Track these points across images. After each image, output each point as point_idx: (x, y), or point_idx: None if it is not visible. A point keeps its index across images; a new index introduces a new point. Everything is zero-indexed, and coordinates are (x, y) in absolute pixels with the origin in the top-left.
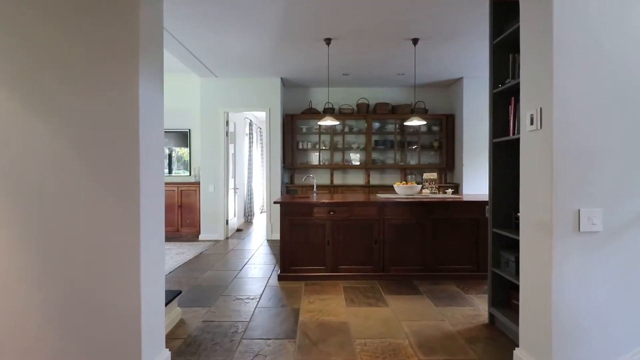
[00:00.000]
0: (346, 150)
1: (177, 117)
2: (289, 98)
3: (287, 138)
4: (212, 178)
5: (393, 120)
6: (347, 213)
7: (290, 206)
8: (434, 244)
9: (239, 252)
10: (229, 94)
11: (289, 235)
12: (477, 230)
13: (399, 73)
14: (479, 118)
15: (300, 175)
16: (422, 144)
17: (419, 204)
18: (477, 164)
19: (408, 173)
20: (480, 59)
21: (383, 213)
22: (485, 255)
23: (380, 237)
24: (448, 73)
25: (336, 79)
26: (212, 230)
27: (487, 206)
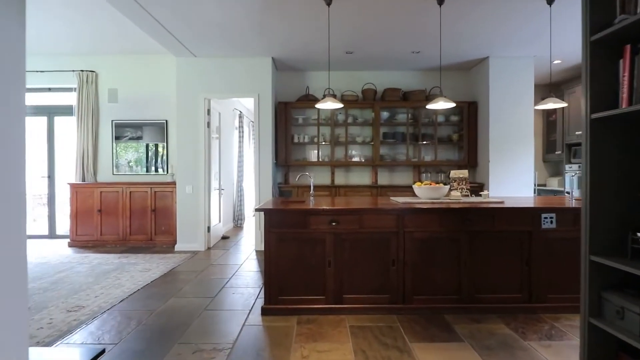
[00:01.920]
0: (349, 144)
1: (152, 107)
2: (283, 83)
3: (280, 130)
4: (190, 177)
5: (405, 108)
6: (355, 224)
7: (278, 215)
8: (472, 265)
9: (219, 269)
10: (210, 77)
11: (276, 254)
12: (530, 246)
13: (413, 51)
14: (508, 105)
15: (296, 173)
16: (439, 137)
17: (451, 212)
18: (507, 159)
19: (422, 171)
20: (511, 31)
21: (403, 223)
22: (541, 279)
23: (399, 255)
24: (472, 51)
25: (338, 60)
26: (190, 238)
27: (547, 215)
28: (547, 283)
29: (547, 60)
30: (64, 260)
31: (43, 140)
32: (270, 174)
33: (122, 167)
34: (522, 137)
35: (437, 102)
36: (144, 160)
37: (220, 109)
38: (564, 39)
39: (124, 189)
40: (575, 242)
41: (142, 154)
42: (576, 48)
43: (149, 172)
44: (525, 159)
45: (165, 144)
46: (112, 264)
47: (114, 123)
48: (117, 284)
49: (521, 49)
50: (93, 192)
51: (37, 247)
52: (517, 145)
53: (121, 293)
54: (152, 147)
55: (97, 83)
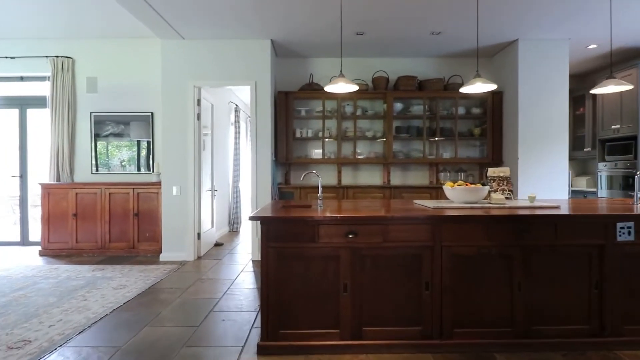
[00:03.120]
0: (358, 139)
1: (137, 98)
2: (283, 70)
3: (280, 123)
4: (177, 177)
5: (420, 99)
6: (377, 236)
7: (279, 224)
8: (528, 289)
9: (208, 286)
10: (200, 62)
11: (276, 276)
12: (601, 264)
13: (433, 32)
14: (540, 95)
15: (298, 172)
16: (459, 132)
17: (502, 221)
18: (538, 157)
19: (440, 170)
20: (545, 8)
21: (439, 236)
22: (615, 306)
23: (434, 276)
24: (499, 34)
25: (347, 43)
26: (178, 247)
27: (624, 225)
28: (623, 311)
29: (580, 46)
30: (28, 274)
31: (14, 135)
32: (269, 173)
33: (102, 165)
34: (556, 131)
35: (474, 83)
36: (127, 157)
37: (214, 100)
38: (602, 20)
39: (102, 190)
40: None
41: (125, 151)
42: (619, 30)
43: (133, 171)
44: (558, 156)
45: (150, 140)
46: (83, 279)
47: (93, 116)
48: (82, 307)
49: (555, 30)
50: (68, 194)
51: (3, 256)
52: (549, 141)
53: (84, 320)
54: (136, 143)
55: (74, 71)
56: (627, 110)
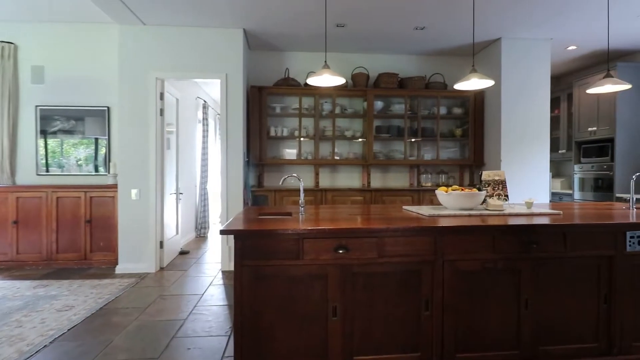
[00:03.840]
0: (337, 139)
1: (91, 90)
2: (257, 64)
3: (253, 120)
4: (137, 178)
5: (402, 98)
6: (372, 250)
7: (255, 239)
8: (536, 306)
9: (172, 304)
10: (163, 51)
11: (252, 300)
12: (610, 276)
13: (417, 27)
14: (523, 95)
15: (272, 174)
16: (440, 132)
17: (509, 231)
18: (521, 159)
19: (422, 172)
20: (528, 6)
21: (442, 249)
22: (625, 322)
23: (435, 295)
24: (483, 31)
25: (327, 36)
26: (137, 257)
27: (634, 233)
28: (633, 327)
29: (560, 47)
30: None
31: None
32: (241, 175)
33: (49, 166)
34: (537, 132)
35: (470, 79)
36: (79, 157)
37: (179, 95)
38: (582, 21)
39: (49, 193)
40: None
41: (82, 149)
42: (598, 31)
43: (90, 171)
44: (539, 157)
45: (107, 137)
46: (20, 298)
47: (38, 110)
48: (15, 336)
49: (537, 29)
50: (7, 198)
51: None
52: (531, 142)
53: (15, 355)
54: (93, 141)
55: (17, 58)
56: (604, 113)
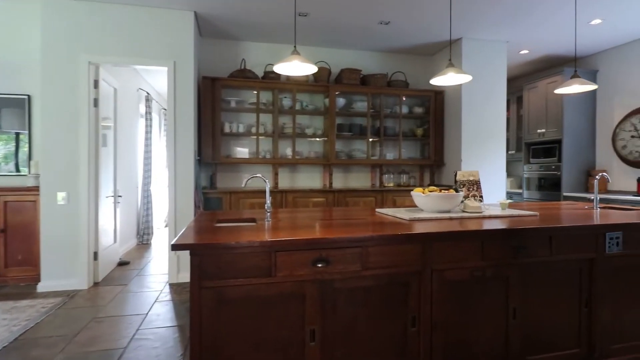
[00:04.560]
0: (297, 137)
1: (7, 75)
2: (210, 53)
3: (206, 115)
4: (64, 180)
5: (364, 95)
6: (355, 262)
7: (217, 255)
8: (524, 315)
9: (108, 328)
10: (98, 32)
11: (214, 328)
12: (591, 279)
13: (382, 21)
14: (482, 96)
15: (226, 174)
16: (402, 132)
17: (498, 236)
18: (480, 159)
19: (384, 171)
20: (487, 7)
21: (430, 258)
22: (604, 325)
23: (423, 309)
24: (444, 30)
25: (288, 25)
26: (64, 271)
27: (613, 235)
28: (611, 330)
29: (514, 50)
30: None
31: None
32: (192, 175)
33: None
34: (495, 132)
35: (446, 73)
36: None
37: (118, 84)
38: (535, 26)
39: None
40: None
41: None
42: (550, 37)
43: (6, 171)
44: (496, 156)
45: (27, 131)
46: None
47: None
48: None
49: (495, 31)
50: None
51: None
52: (489, 142)
53: None
54: (9, 136)
55: None
56: (552, 116)
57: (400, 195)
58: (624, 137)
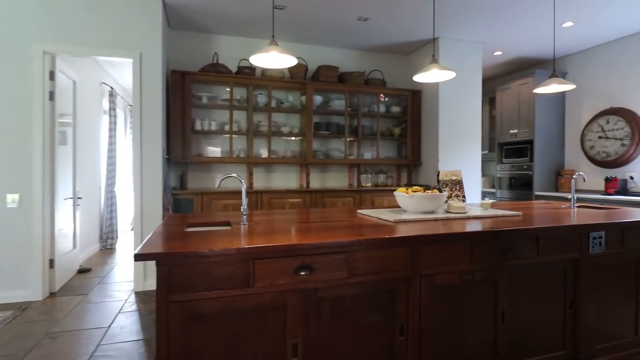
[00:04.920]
0: (273, 135)
1: None
2: (179, 45)
3: (175, 111)
4: (14, 181)
5: (342, 94)
6: (341, 268)
7: (188, 265)
8: (512, 319)
9: (63, 344)
10: (54, 18)
11: (183, 348)
12: (575, 280)
13: (361, 17)
14: (458, 95)
15: (198, 173)
16: (376, 131)
17: (487, 238)
18: (456, 158)
19: (362, 171)
20: (462, 7)
21: (419, 262)
22: (588, 325)
23: (411, 317)
24: (421, 29)
25: (264, 19)
26: (14, 281)
27: (596, 234)
28: (595, 330)
29: (488, 51)
30: None
31: None
32: (160, 176)
33: None
34: (471, 132)
35: (430, 69)
36: None
37: (78, 77)
38: (508, 29)
39: None
40: (623, 267)
41: None
42: (522, 39)
43: None
44: (472, 154)
45: None
46: None
47: None
48: None
49: (471, 32)
50: None
51: None
52: (465, 142)
53: None
54: None
55: None
56: (524, 117)
57: (379, 196)
58: (591, 137)
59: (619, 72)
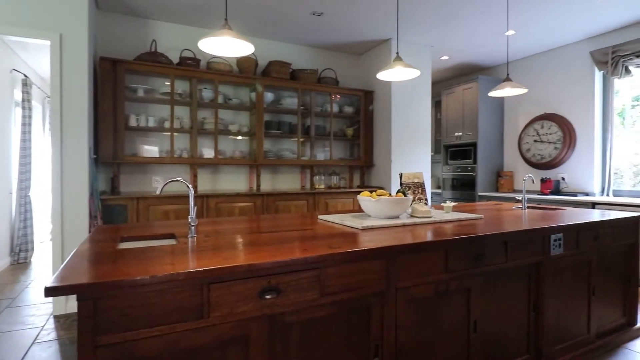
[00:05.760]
0: (220, 134)
1: None
2: (110, 29)
3: (105, 104)
4: None
5: (294, 91)
6: (312, 288)
7: (118, 295)
8: (483, 327)
9: None
10: None
11: None
12: (538, 282)
13: (315, 12)
14: (411, 97)
15: (132, 175)
16: (329, 131)
17: (460, 245)
18: (408, 160)
19: (315, 173)
20: (414, 10)
21: (395, 274)
22: (550, 327)
23: (387, 336)
24: (374, 29)
25: (211, 8)
26: None
27: (556, 236)
28: (555, 330)
29: (436, 56)
30: None
31: None
32: (86, 178)
33: None
34: (422, 134)
35: (394, 67)
36: None
37: None
38: (454, 35)
39: None
40: (578, 267)
41: None
42: (467, 45)
43: None
44: (422, 155)
45: None
46: None
47: None
48: None
49: (422, 35)
50: None
51: None
52: (417, 144)
53: None
54: None
55: None
56: (468, 120)
57: (332, 198)
58: (528, 141)
59: (553, 80)
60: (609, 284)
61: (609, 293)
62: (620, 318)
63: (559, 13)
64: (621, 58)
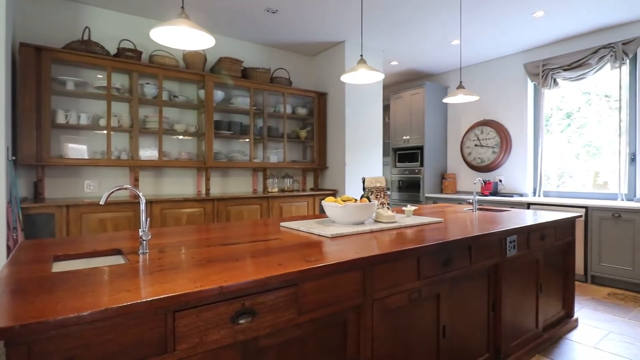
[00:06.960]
0: (165, 134)
1: None
2: (36, 12)
3: (27, 98)
4: None
5: (246, 90)
6: (289, 308)
7: (61, 339)
8: (450, 332)
9: None
10: None
11: None
12: (496, 283)
13: (269, 9)
14: (362, 100)
15: (60, 179)
16: (283, 133)
17: (431, 251)
18: (361, 162)
19: (268, 176)
20: (367, 14)
21: (371, 285)
22: (507, 326)
23: (364, 350)
24: (328, 31)
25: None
26: None
27: (511, 238)
28: (511, 327)
29: (387, 60)
30: None
31: None
32: (3, 183)
33: None
34: (374, 137)
35: (357, 70)
36: None
37: None
38: (403, 41)
39: None
40: (528, 266)
41: None
42: (415, 52)
43: None
44: (374, 159)
45: None
46: None
47: None
48: None
49: (374, 39)
50: None
51: None
52: (369, 146)
53: None
54: None
55: None
56: (415, 124)
57: (286, 202)
58: (469, 145)
59: (492, 88)
60: (552, 280)
61: (551, 288)
62: (561, 311)
63: (499, 27)
64: (550, 71)
